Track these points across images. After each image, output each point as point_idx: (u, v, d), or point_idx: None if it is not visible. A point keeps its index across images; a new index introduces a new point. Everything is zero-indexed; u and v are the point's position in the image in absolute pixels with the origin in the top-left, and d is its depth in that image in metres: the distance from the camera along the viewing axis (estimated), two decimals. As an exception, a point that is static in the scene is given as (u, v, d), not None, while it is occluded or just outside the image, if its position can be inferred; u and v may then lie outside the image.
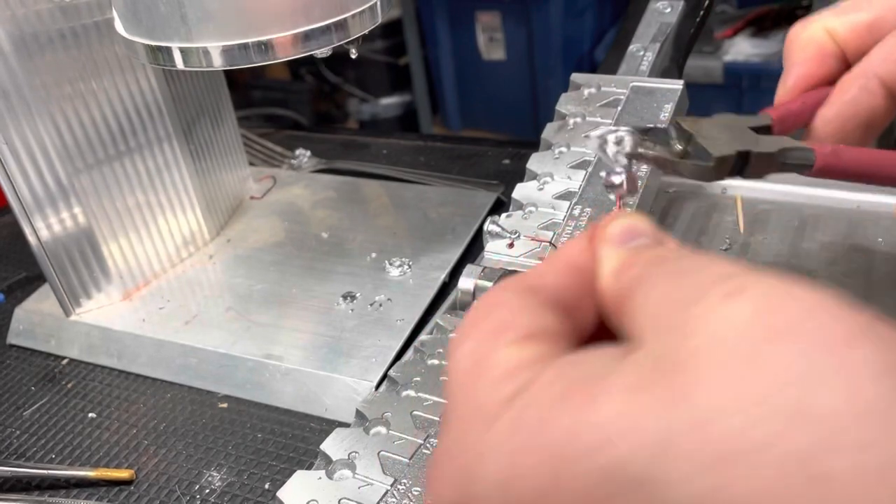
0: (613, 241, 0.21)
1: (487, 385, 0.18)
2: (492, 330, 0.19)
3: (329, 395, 0.42)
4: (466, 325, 0.20)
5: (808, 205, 0.51)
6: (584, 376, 0.16)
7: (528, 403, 0.17)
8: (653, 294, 0.18)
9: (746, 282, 0.16)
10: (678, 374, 0.15)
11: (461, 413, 0.18)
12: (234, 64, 0.38)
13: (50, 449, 0.42)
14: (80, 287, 0.49)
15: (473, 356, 0.19)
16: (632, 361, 0.16)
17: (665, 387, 0.15)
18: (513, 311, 0.19)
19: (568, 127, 0.48)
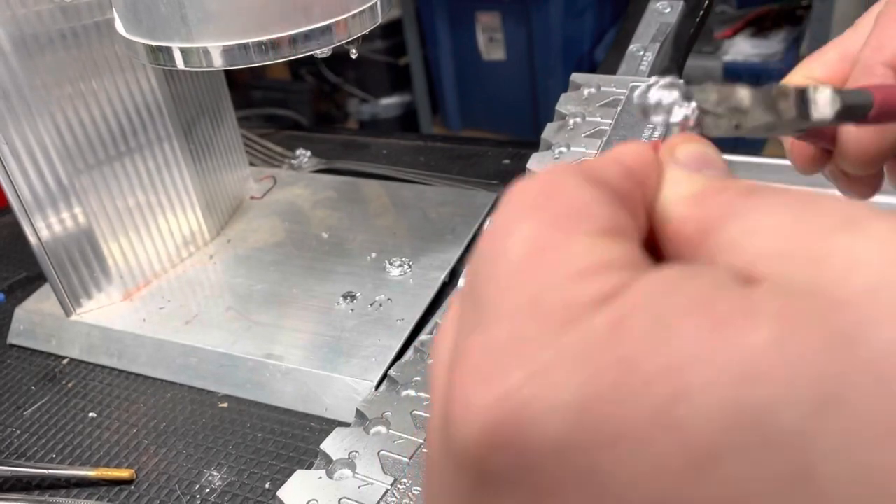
0: (686, 165, 0.17)
1: (566, 279, 0.13)
2: (561, 215, 0.14)
3: (329, 395, 0.42)
4: (517, 205, 0.15)
5: (808, 205, 0.51)
6: (714, 291, 0.12)
7: (633, 308, 0.12)
8: (768, 220, 0.14)
9: (872, 213, 0.13)
10: (850, 312, 0.11)
11: (522, 310, 0.13)
12: (234, 64, 0.38)
13: (50, 448, 0.42)
14: (80, 287, 0.49)
15: (537, 242, 0.14)
16: (775, 287, 0.12)
17: (836, 322, 0.11)
18: (590, 197, 0.15)
19: (568, 127, 0.48)
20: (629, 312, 0.12)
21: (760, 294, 0.12)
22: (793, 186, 0.15)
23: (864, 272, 0.12)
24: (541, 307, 0.13)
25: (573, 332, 0.13)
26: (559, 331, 0.13)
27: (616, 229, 0.14)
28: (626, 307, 0.13)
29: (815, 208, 0.14)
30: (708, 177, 0.16)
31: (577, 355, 0.12)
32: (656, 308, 0.12)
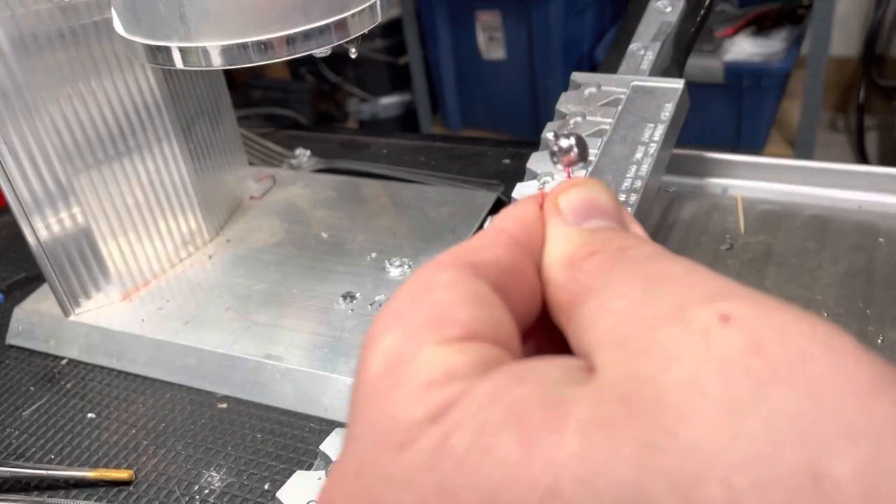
0: (567, 217, 0.17)
1: (407, 394, 0.14)
2: (420, 323, 0.15)
3: (329, 395, 0.42)
4: (388, 313, 0.15)
5: (809, 204, 0.51)
6: (533, 399, 0.13)
7: (457, 425, 0.13)
8: (616, 302, 0.14)
9: (736, 304, 0.13)
10: (656, 414, 0.12)
11: (371, 427, 0.14)
12: (233, 63, 0.38)
13: (49, 449, 0.42)
14: (79, 287, 0.49)
15: (392, 355, 0.15)
16: (593, 389, 0.13)
17: (639, 428, 0.12)
18: (452, 300, 0.15)
19: (568, 126, 0.48)
20: (453, 430, 0.13)
21: (577, 398, 0.13)
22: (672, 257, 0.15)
23: (677, 368, 0.12)
24: (381, 428, 0.14)
25: (404, 455, 0.13)
26: (393, 457, 0.13)
27: (472, 333, 0.15)
28: (451, 424, 0.13)
29: (659, 291, 0.14)
30: (587, 232, 0.17)
31: (405, 482, 0.13)
32: (476, 423, 0.13)
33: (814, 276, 0.45)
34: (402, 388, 0.14)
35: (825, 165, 0.52)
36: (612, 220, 0.17)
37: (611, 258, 0.16)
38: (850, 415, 0.11)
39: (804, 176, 0.52)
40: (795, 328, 0.13)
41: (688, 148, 0.55)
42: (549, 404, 0.13)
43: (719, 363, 0.12)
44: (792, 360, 0.12)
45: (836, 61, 1.72)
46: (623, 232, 0.17)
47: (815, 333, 0.13)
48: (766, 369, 0.12)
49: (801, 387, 0.12)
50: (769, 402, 0.12)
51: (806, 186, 0.52)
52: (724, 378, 0.12)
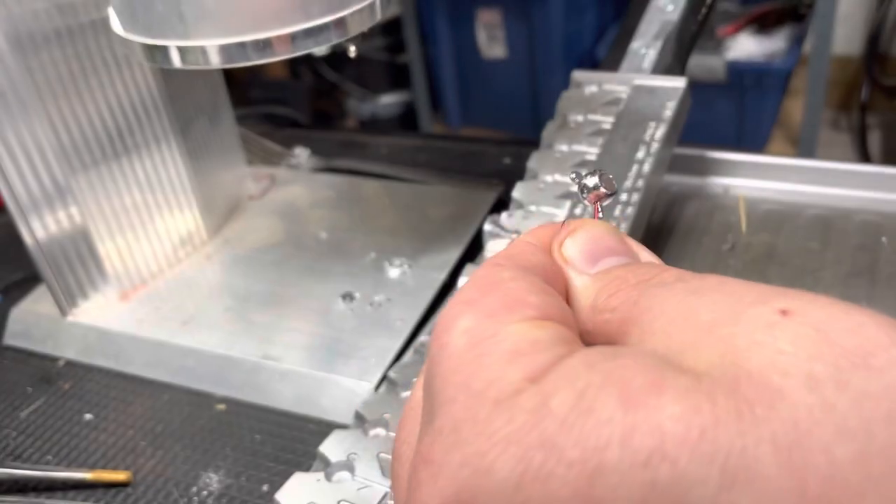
0: (576, 266, 0.18)
1: (499, 359, 0.15)
2: (496, 306, 0.16)
3: (328, 397, 0.42)
4: (459, 302, 0.16)
5: (812, 204, 0.51)
6: (632, 368, 0.13)
7: (556, 388, 0.13)
8: (659, 321, 0.15)
9: (791, 301, 0.14)
10: (750, 390, 0.12)
11: (464, 389, 0.15)
12: (231, 62, 0.37)
13: (46, 450, 0.42)
14: (76, 287, 0.48)
15: (475, 333, 0.15)
16: (679, 372, 0.13)
17: (738, 399, 0.12)
18: (521, 288, 0.16)
19: (569, 125, 0.48)
20: (552, 392, 0.14)
21: (672, 371, 0.13)
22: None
23: (756, 355, 0.13)
24: (475, 392, 0.14)
25: (503, 413, 0.14)
26: (491, 413, 0.14)
27: (547, 315, 0.16)
28: (549, 387, 0.14)
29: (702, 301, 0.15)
30: (599, 280, 0.17)
31: (507, 437, 0.13)
32: (577, 387, 0.13)
33: (817, 277, 0.45)
34: (492, 355, 0.15)
35: (828, 165, 0.51)
36: (621, 255, 0.18)
37: (635, 290, 0.16)
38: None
39: (807, 175, 0.52)
40: (858, 320, 0.13)
41: (689, 147, 0.55)
42: (649, 372, 0.13)
43: (794, 352, 0.13)
44: (862, 350, 0.13)
45: (838, 60, 1.71)
46: (636, 265, 0.18)
47: (879, 325, 0.13)
48: (842, 357, 0.13)
49: (877, 374, 0.12)
50: (852, 386, 0.12)
51: (808, 186, 0.51)
52: (802, 363, 0.13)
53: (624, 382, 0.13)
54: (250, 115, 1.68)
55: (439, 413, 0.15)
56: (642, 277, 0.17)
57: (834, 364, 0.13)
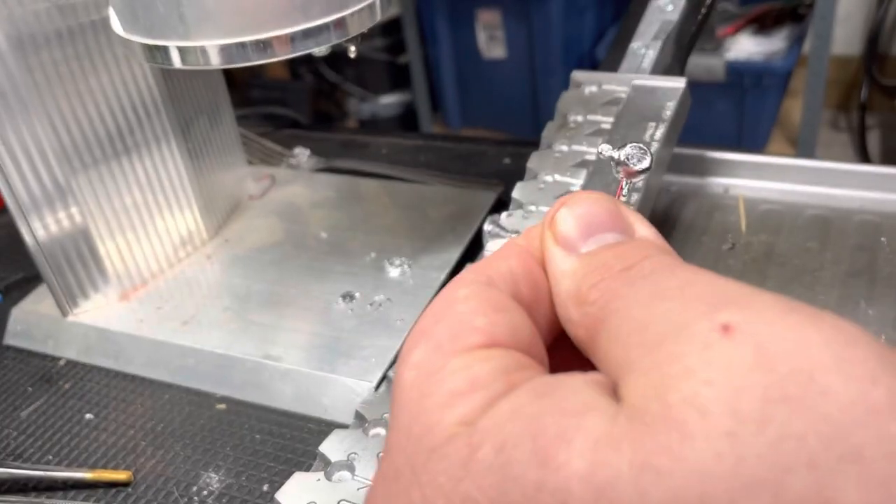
0: (568, 244, 0.17)
1: (437, 402, 0.15)
2: (445, 335, 0.16)
3: (328, 396, 0.42)
4: (416, 331, 0.17)
5: (811, 204, 0.51)
6: (553, 412, 0.13)
7: (482, 439, 0.14)
8: (623, 328, 0.15)
9: (739, 313, 0.13)
10: (661, 434, 0.12)
11: (406, 433, 0.15)
12: (232, 62, 0.38)
13: (47, 450, 0.42)
14: (77, 287, 0.48)
15: (422, 367, 0.16)
16: (605, 407, 0.13)
17: (644, 448, 0.12)
18: (470, 311, 0.16)
19: (569, 125, 0.48)
20: (478, 442, 0.14)
21: (591, 413, 0.13)
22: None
23: (680, 386, 0.12)
24: (415, 437, 0.15)
25: (437, 463, 0.14)
26: (427, 462, 0.14)
27: (494, 339, 0.16)
28: (476, 437, 0.14)
29: (661, 308, 0.14)
30: (586, 263, 0.17)
31: (439, 489, 0.14)
32: (499, 438, 0.13)
33: (816, 276, 0.45)
34: (432, 396, 0.15)
35: (827, 165, 0.51)
36: (615, 230, 0.17)
37: (615, 282, 0.16)
38: (861, 436, 0.11)
39: (806, 175, 0.52)
40: (804, 337, 0.12)
41: (689, 147, 0.55)
42: (566, 416, 0.13)
43: (722, 381, 0.12)
44: (800, 376, 0.12)
45: (837, 60, 1.71)
46: (626, 246, 0.17)
47: (827, 343, 0.12)
48: (773, 386, 0.12)
49: (810, 406, 0.11)
50: (775, 424, 0.11)
51: (808, 186, 0.51)
52: (727, 396, 0.12)
53: (539, 433, 0.13)
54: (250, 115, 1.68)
55: (385, 456, 0.15)
56: (627, 263, 0.16)
57: (762, 396, 0.12)
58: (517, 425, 0.13)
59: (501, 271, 0.17)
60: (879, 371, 0.12)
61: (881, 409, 0.11)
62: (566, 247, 0.17)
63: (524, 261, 0.18)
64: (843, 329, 0.12)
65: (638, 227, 0.18)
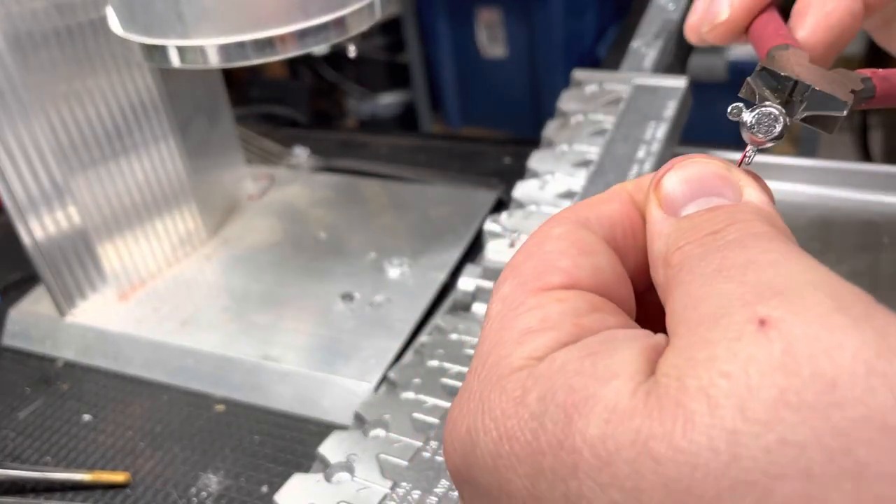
0: (670, 206, 0.17)
1: (510, 338, 0.16)
2: (531, 273, 0.17)
3: (327, 397, 0.42)
4: (509, 263, 0.18)
5: (813, 204, 0.51)
6: (588, 373, 0.14)
7: (535, 382, 0.15)
8: (683, 299, 0.15)
9: (779, 306, 0.13)
10: (668, 419, 0.13)
11: (483, 361, 0.17)
12: (230, 62, 0.37)
13: (45, 451, 0.42)
14: (75, 288, 0.48)
15: (507, 301, 0.17)
16: (633, 376, 0.14)
17: (647, 429, 0.13)
18: (558, 251, 0.17)
19: (570, 124, 0.48)
20: (531, 386, 0.15)
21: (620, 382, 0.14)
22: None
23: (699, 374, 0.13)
24: (490, 365, 0.16)
25: (498, 395, 0.16)
26: (491, 391, 0.16)
27: (574, 281, 0.17)
28: (531, 379, 0.15)
29: (714, 289, 0.14)
30: (677, 226, 0.17)
31: (496, 416, 0.15)
32: (544, 387, 0.15)
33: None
34: (509, 330, 0.16)
35: (829, 164, 0.51)
36: (720, 194, 0.17)
37: (696, 248, 0.16)
38: (868, 455, 0.11)
39: (808, 175, 0.51)
40: (840, 341, 0.12)
41: (691, 146, 0.55)
42: (591, 384, 0.14)
43: (740, 375, 0.12)
44: (821, 382, 0.11)
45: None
46: (719, 210, 0.16)
47: (861, 350, 0.12)
48: (790, 390, 0.12)
49: (822, 416, 0.11)
50: (780, 429, 0.11)
51: (809, 186, 0.51)
52: (740, 392, 0.12)
53: (571, 391, 0.14)
54: (249, 114, 1.68)
55: (467, 375, 0.17)
56: (714, 227, 0.16)
57: (775, 398, 0.12)
58: (560, 379, 0.15)
59: (600, 214, 0.18)
60: None
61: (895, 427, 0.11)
62: (668, 209, 0.17)
63: (626, 208, 0.18)
64: (889, 335, 0.12)
65: (747, 191, 0.17)
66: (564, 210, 0.19)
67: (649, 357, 0.14)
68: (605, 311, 0.17)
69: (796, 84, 0.20)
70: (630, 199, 0.19)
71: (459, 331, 0.40)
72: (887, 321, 0.12)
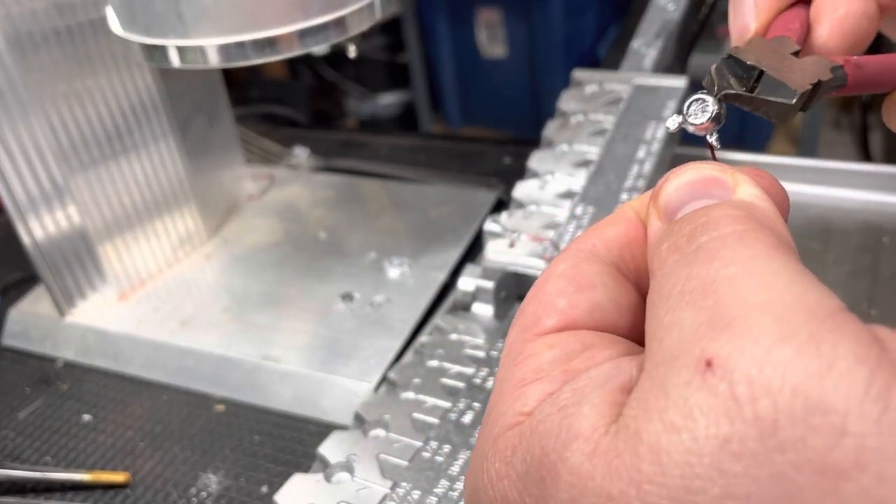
0: (666, 215, 0.17)
1: (508, 392, 0.17)
2: (530, 318, 0.18)
3: (327, 398, 0.42)
4: (520, 307, 0.18)
5: (813, 204, 0.51)
6: (559, 431, 0.15)
7: (520, 438, 0.16)
8: (651, 323, 0.15)
9: (731, 343, 0.12)
10: (633, 475, 0.13)
11: (486, 416, 0.17)
12: (230, 62, 0.37)
13: (45, 451, 0.42)
14: (74, 288, 0.48)
15: (511, 350, 0.18)
16: (599, 425, 0.15)
17: (604, 485, 0.13)
18: (555, 291, 0.17)
19: (570, 124, 0.48)
20: (517, 445, 0.15)
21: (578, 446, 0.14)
22: None
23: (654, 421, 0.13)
24: (489, 422, 0.17)
25: (493, 453, 0.16)
26: (489, 447, 0.16)
27: (569, 321, 0.17)
28: (518, 438, 0.16)
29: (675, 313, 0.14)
30: (673, 229, 0.16)
31: (492, 477, 0.16)
32: (527, 448, 0.15)
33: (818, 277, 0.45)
34: (507, 382, 0.17)
35: (829, 165, 0.51)
36: (710, 195, 0.17)
37: (670, 253, 0.15)
38: (808, 501, 0.11)
39: (808, 175, 0.51)
40: (783, 376, 0.12)
41: (690, 147, 0.55)
42: (556, 449, 0.14)
43: (686, 429, 0.12)
44: (762, 427, 0.11)
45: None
46: (695, 212, 0.16)
47: (804, 386, 0.11)
48: (734, 439, 0.12)
49: (763, 463, 0.11)
50: (721, 485, 0.11)
51: (810, 186, 0.51)
52: (690, 447, 0.12)
53: (542, 456, 0.15)
54: (249, 114, 1.68)
55: (480, 429, 0.18)
56: (688, 230, 0.15)
57: (717, 451, 0.11)
58: (535, 440, 0.15)
59: (607, 238, 0.18)
60: (854, 422, 0.11)
61: (842, 469, 0.11)
62: (664, 218, 0.17)
63: (633, 227, 0.18)
64: (836, 365, 0.11)
65: (740, 189, 0.17)
66: (574, 241, 0.19)
67: (615, 399, 0.14)
68: (597, 348, 0.16)
69: (762, 73, 0.20)
70: (636, 217, 0.19)
71: (459, 331, 0.40)
72: (836, 342, 0.12)
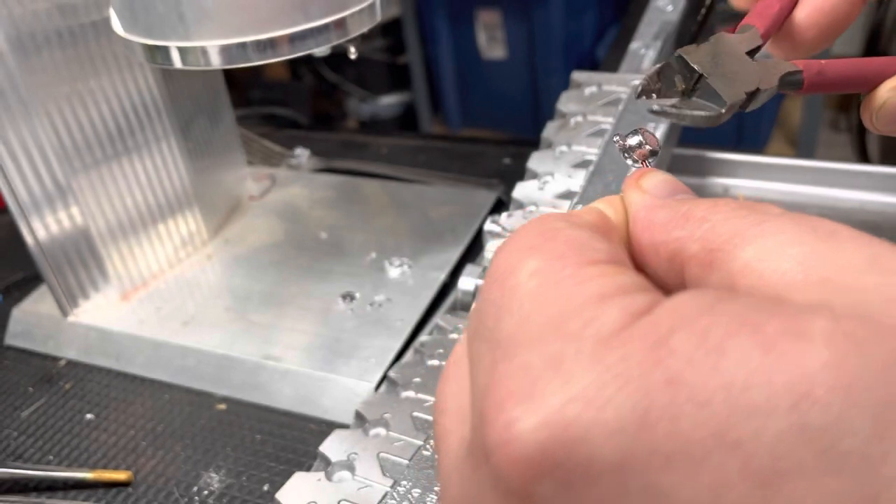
0: (654, 193, 0.18)
1: (586, 303, 0.14)
2: (566, 249, 0.15)
3: (328, 397, 0.42)
4: (519, 248, 0.16)
5: (812, 204, 0.51)
6: (753, 313, 0.13)
7: (670, 329, 0.13)
8: (786, 251, 0.14)
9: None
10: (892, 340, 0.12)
11: (549, 335, 0.14)
12: (232, 63, 0.38)
13: (48, 450, 0.42)
14: (77, 288, 0.48)
15: (546, 275, 0.15)
16: (811, 313, 0.13)
17: (885, 349, 0.12)
18: (580, 236, 0.16)
19: (569, 125, 0.48)
20: (667, 333, 0.13)
21: (806, 316, 0.12)
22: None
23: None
24: (572, 330, 0.14)
25: (611, 351, 0.13)
26: (595, 351, 0.13)
27: (617, 260, 0.16)
28: (662, 327, 0.13)
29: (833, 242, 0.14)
30: (676, 204, 0.17)
31: (623, 375, 0.13)
32: (697, 326, 0.13)
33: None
34: (580, 295, 0.14)
35: (827, 165, 0.51)
36: (689, 194, 0.18)
37: (743, 207, 0.15)
38: None
39: (806, 175, 0.52)
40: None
41: (689, 147, 0.55)
42: (780, 318, 0.12)
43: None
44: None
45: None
46: (708, 200, 0.17)
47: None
48: None
49: None
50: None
51: (808, 186, 0.51)
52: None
53: (757, 325, 0.12)
54: (251, 115, 1.68)
55: (524, 349, 0.14)
56: (713, 212, 0.16)
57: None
58: (720, 317, 0.13)
59: (586, 219, 0.18)
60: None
61: None
62: (647, 198, 0.18)
63: (602, 218, 0.18)
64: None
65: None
66: (547, 215, 0.18)
67: None
68: (654, 290, 0.15)
69: (701, 76, 0.21)
70: (602, 214, 0.19)
71: (459, 330, 0.40)
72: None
